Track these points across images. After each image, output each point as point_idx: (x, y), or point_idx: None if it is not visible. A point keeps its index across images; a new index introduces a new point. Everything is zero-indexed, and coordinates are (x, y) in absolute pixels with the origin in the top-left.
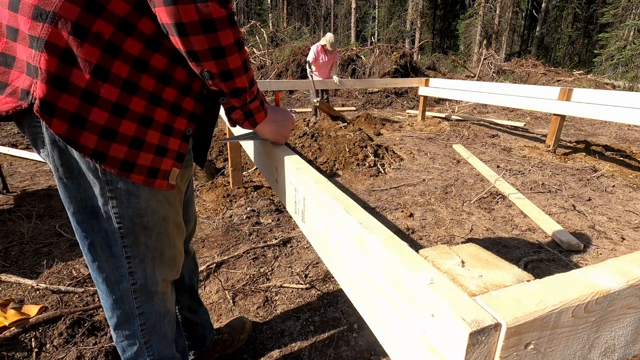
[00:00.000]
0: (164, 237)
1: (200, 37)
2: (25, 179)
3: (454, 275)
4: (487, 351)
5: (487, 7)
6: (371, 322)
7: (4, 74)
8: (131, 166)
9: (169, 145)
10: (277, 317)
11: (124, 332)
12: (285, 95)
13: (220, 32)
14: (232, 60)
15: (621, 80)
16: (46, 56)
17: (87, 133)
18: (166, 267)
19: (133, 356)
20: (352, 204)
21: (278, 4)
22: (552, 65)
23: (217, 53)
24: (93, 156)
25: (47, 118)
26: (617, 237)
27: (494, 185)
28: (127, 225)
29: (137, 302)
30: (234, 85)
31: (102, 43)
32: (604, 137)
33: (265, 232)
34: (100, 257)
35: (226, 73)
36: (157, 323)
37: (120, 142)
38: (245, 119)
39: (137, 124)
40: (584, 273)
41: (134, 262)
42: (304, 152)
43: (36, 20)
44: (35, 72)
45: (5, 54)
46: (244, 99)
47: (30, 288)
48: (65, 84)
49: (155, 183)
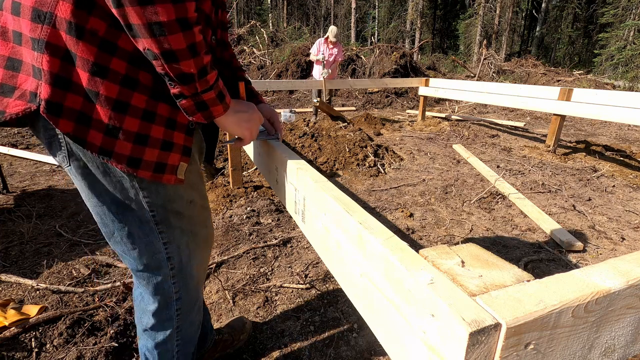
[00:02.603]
0: (195, 219)
1: (136, 8)
2: (25, 179)
3: (454, 275)
4: (487, 351)
5: (487, 7)
6: (371, 322)
7: (12, 77)
8: (138, 162)
9: (174, 139)
10: (277, 317)
11: (162, 316)
12: (285, 95)
13: (159, 5)
14: (174, 40)
15: (621, 80)
16: (47, 57)
17: (93, 131)
18: (201, 248)
19: (164, 340)
20: (352, 204)
21: (278, 4)
22: (552, 65)
23: (155, 29)
24: (100, 153)
25: (54, 118)
26: (617, 237)
27: (494, 185)
28: (159, 212)
29: (176, 287)
30: (180, 70)
31: (97, 40)
32: (604, 137)
33: (265, 232)
34: (139, 244)
35: (168, 54)
36: (190, 309)
37: (124, 139)
38: (197, 111)
39: (140, 120)
40: (584, 273)
41: (171, 248)
42: (304, 152)
43: (35, 22)
44: (39, 73)
45: (12, 59)
46: (194, 87)
47: (30, 288)
48: (68, 84)
49: (163, 178)
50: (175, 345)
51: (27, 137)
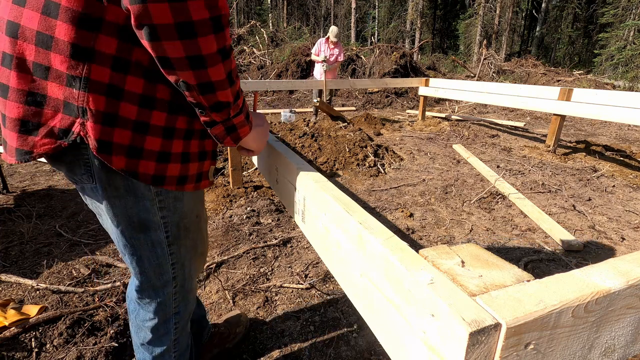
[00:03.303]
0: (197, 234)
1: (176, 42)
2: (25, 179)
3: (454, 275)
4: (487, 351)
5: (487, 7)
6: (371, 322)
7: (36, 114)
8: (184, 179)
9: (206, 148)
10: (277, 317)
11: (161, 331)
12: (285, 95)
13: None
14: (214, 71)
15: (621, 80)
16: (94, 96)
17: (144, 161)
18: (199, 262)
19: (162, 352)
20: (352, 204)
21: (278, 4)
22: (552, 65)
23: (195, 62)
24: (153, 182)
25: (107, 157)
26: (617, 237)
27: (494, 185)
28: (173, 231)
29: (176, 302)
30: (215, 99)
31: (143, 70)
32: (604, 137)
33: (265, 232)
34: (148, 268)
35: (206, 85)
36: (186, 322)
37: (174, 161)
38: (227, 135)
39: (183, 140)
40: (584, 273)
41: (177, 267)
42: (304, 152)
43: (76, 59)
44: (80, 112)
45: (34, 93)
46: (227, 113)
47: (30, 288)
48: (115, 119)
49: (200, 185)
50: (172, 356)
51: None
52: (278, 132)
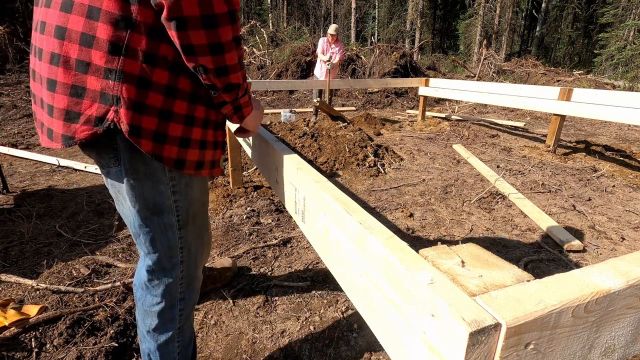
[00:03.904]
0: (203, 222)
1: (200, 32)
2: (25, 179)
3: (454, 275)
4: (487, 351)
5: (487, 7)
6: (371, 322)
7: (77, 104)
8: (201, 165)
9: (218, 138)
10: (277, 317)
11: (166, 316)
12: (285, 95)
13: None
14: (230, 56)
15: (621, 80)
16: (127, 86)
17: (169, 146)
18: (205, 251)
19: (166, 341)
20: (352, 204)
21: (278, 4)
22: (552, 65)
23: (215, 49)
24: (176, 165)
25: (136, 140)
26: (617, 237)
27: (494, 185)
28: (183, 216)
29: (182, 287)
30: (228, 81)
31: (168, 65)
32: (604, 137)
33: (265, 232)
34: (159, 249)
35: (222, 69)
36: (190, 312)
37: (193, 147)
38: (234, 113)
39: (202, 128)
40: (584, 273)
41: (185, 252)
42: (304, 152)
43: (113, 54)
44: (115, 100)
45: (76, 86)
46: (236, 94)
47: (30, 288)
48: (144, 107)
49: (214, 172)
50: (176, 346)
51: (27, 137)
52: (278, 132)
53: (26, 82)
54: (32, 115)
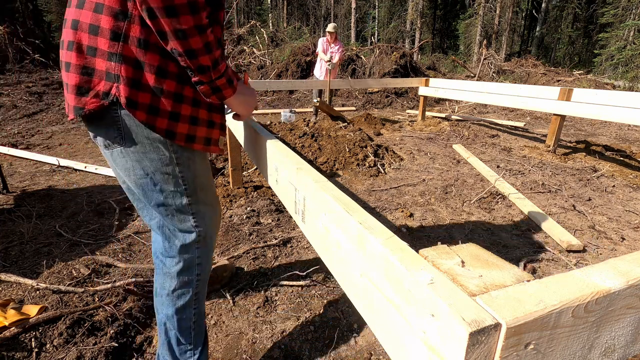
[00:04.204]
0: (213, 193)
1: (165, 19)
2: (25, 179)
3: (454, 275)
4: (487, 351)
5: (487, 7)
6: (371, 322)
7: (87, 82)
8: (192, 138)
9: (213, 119)
10: (277, 317)
11: (184, 278)
12: (285, 95)
13: (181, 16)
14: (194, 41)
15: (621, 80)
16: (125, 66)
17: (160, 118)
18: (217, 222)
19: (183, 306)
20: (352, 204)
21: (278, 4)
22: (552, 65)
23: (178, 34)
24: (166, 135)
25: (133, 110)
26: (617, 237)
27: (494, 185)
28: (190, 185)
29: (199, 252)
30: (198, 63)
31: (158, 49)
32: (604, 137)
33: (265, 232)
34: (171, 211)
35: (190, 52)
36: (205, 279)
37: (182, 121)
38: (213, 93)
39: (192, 106)
40: (584, 273)
41: (198, 218)
42: (304, 152)
43: (114, 40)
44: (116, 78)
45: (87, 67)
46: (209, 76)
47: (30, 288)
48: (140, 84)
49: (210, 149)
50: (192, 314)
51: (27, 137)
52: (278, 132)
53: (26, 82)
54: (31, 116)
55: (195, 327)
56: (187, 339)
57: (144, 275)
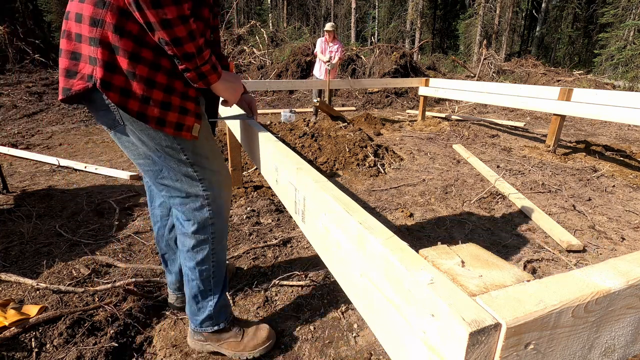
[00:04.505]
0: (218, 161)
1: (151, 11)
2: (25, 179)
3: (454, 275)
4: (487, 351)
5: (487, 7)
6: (371, 322)
7: (75, 65)
8: (163, 122)
9: (187, 106)
10: (277, 317)
11: (200, 236)
12: (285, 95)
13: (166, 7)
14: (179, 30)
15: (621, 80)
16: (101, 50)
17: (132, 100)
18: (226, 184)
19: (202, 259)
20: (352, 204)
21: (278, 4)
22: (552, 65)
23: (165, 24)
24: (137, 116)
25: (106, 92)
26: (617, 237)
27: (494, 185)
28: (191, 155)
29: (211, 214)
30: (184, 50)
31: (132, 37)
32: (604, 137)
33: (265, 232)
34: (180, 177)
35: (176, 40)
36: (222, 237)
37: (153, 105)
38: (199, 79)
39: (163, 92)
40: (584, 273)
41: (206, 184)
42: (304, 152)
43: (92, 26)
44: (94, 61)
45: (75, 52)
46: (195, 62)
47: (30, 288)
48: (114, 68)
49: (182, 134)
50: (211, 265)
51: (27, 137)
52: (278, 132)
53: (26, 82)
54: (31, 116)
55: (214, 277)
56: (207, 286)
57: (144, 275)
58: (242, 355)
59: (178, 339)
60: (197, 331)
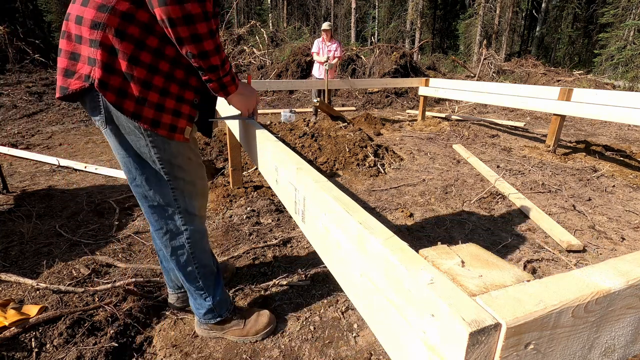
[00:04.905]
0: (193, 173)
1: (184, 27)
2: (25, 179)
3: (454, 275)
4: (487, 351)
5: (487, 7)
6: (371, 322)
7: (73, 65)
8: (157, 124)
9: (182, 110)
10: (276, 317)
11: (174, 243)
12: (285, 95)
13: (197, 24)
14: (207, 44)
15: (621, 80)
16: (100, 51)
17: (128, 101)
18: (200, 196)
19: (184, 263)
20: (352, 204)
21: (278, 4)
22: (552, 65)
23: (195, 39)
24: (132, 117)
25: (103, 91)
26: (617, 237)
27: (494, 185)
28: (167, 166)
29: (183, 221)
30: (210, 63)
31: (134, 40)
32: (604, 137)
33: (265, 232)
34: (154, 187)
35: (203, 53)
36: (199, 239)
37: (149, 107)
38: (220, 90)
39: (159, 94)
40: (584, 273)
41: (177, 193)
42: (304, 152)
43: (93, 29)
44: (93, 62)
45: (74, 53)
46: (218, 74)
47: (30, 288)
48: (112, 69)
49: (175, 136)
50: (194, 268)
51: (27, 137)
52: (278, 132)
53: (26, 82)
54: (31, 115)
55: (201, 277)
56: (198, 286)
57: (144, 275)
58: (245, 340)
59: (178, 339)
60: (202, 322)
